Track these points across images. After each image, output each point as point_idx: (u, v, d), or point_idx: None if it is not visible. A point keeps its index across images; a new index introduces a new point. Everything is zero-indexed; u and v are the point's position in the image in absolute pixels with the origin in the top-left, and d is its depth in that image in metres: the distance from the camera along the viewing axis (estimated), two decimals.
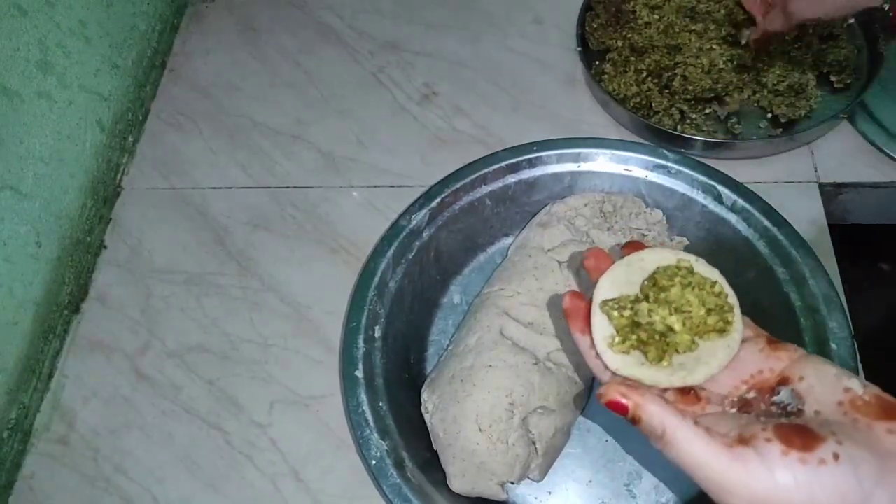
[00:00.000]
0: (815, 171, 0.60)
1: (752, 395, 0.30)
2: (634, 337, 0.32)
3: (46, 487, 0.52)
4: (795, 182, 0.60)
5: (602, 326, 0.33)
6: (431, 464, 0.47)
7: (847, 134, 0.62)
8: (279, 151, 0.66)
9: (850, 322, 0.48)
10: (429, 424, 0.48)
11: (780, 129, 0.61)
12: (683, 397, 0.31)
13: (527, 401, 0.46)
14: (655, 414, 0.28)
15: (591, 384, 0.51)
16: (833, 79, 0.63)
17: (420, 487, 0.45)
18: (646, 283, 0.33)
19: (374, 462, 0.45)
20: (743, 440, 0.27)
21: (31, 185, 0.55)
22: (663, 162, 0.55)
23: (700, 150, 0.60)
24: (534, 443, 0.46)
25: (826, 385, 0.28)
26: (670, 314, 0.31)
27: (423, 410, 0.49)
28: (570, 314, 0.34)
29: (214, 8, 0.77)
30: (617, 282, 0.34)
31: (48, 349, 0.57)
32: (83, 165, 0.62)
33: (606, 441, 0.50)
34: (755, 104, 0.63)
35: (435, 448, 0.48)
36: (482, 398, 0.46)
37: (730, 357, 0.31)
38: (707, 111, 0.62)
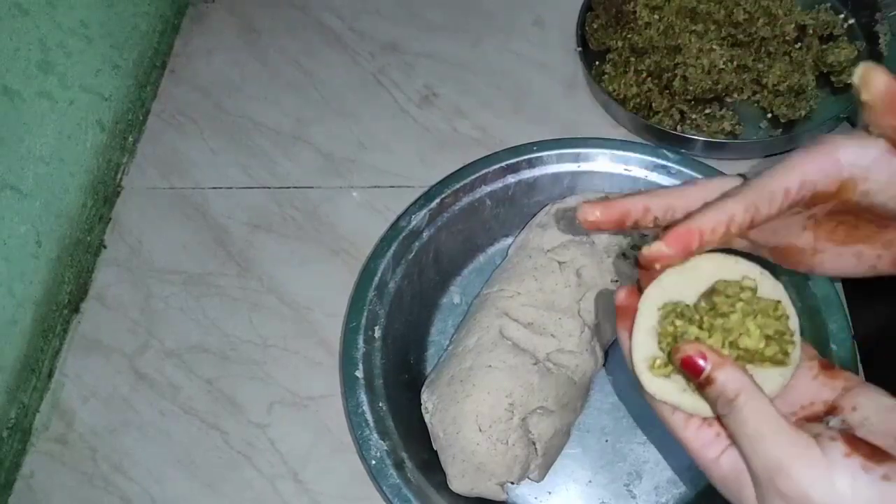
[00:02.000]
0: None
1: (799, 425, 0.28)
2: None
3: (45, 487, 0.52)
4: None
5: (643, 345, 0.29)
6: (431, 464, 0.47)
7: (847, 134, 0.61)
8: (279, 152, 0.66)
9: (850, 323, 0.48)
10: (428, 425, 0.48)
11: (780, 130, 0.61)
12: None
13: (526, 401, 0.46)
14: (733, 378, 0.26)
15: (590, 385, 0.50)
16: (833, 79, 0.63)
17: (420, 488, 0.45)
18: (702, 302, 0.29)
19: (373, 462, 0.45)
20: (809, 432, 0.25)
21: (32, 184, 0.55)
22: (663, 162, 0.55)
23: (700, 151, 0.60)
24: (533, 443, 0.46)
25: (882, 417, 0.27)
26: (723, 346, 0.28)
27: (422, 411, 0.49)
28: (621, 312, 0.31)
29: (215, 9, 0.77)
30: (667, 293, 0.30)
31: (48, 349, 0.57)
32: (83, 165, 0.62)
33: (606, 441, 0.50)
34: (755, 105, 0.63)
35: (435, 448, 0.48)
36: (482, 399, 0.46)
37: (782, 388, 0.28)
38: (707, 111, 0.62)
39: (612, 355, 0.53)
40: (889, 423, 0.26)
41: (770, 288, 0.29)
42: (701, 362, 0.26)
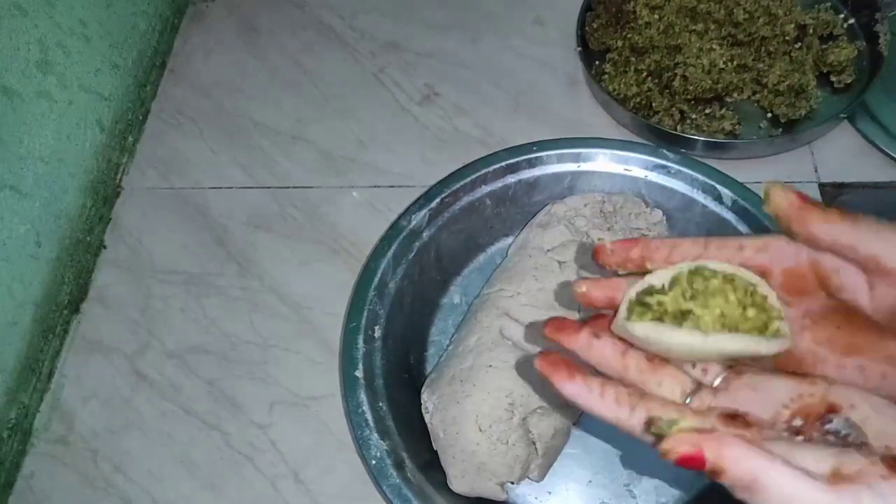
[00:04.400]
0: (816, 171, 0.60)
1: (798, 422, 0.26)
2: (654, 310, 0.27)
3: (46, 487, 0.52)
4: (796, 182, 0.60)
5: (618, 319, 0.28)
6: (431, 464, 0.47)
7: (847, 134, 0.62)
8: (279, 151, 0.66)
9: None
10: (429, 425, 0.48)
11: (781, 130, 0.61)
12: (732, 422, 0.25)
13: (527, 401, 0.46)
14: (742, 458, 0.22)
15: None
16: (833, 79, 0.63)
17: (420, 488, 0.45)
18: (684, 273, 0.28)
19: (373, 462, 0.45)
20: (847, 477, 0.22)
21: (31, 184, 0.55)
22: (663, 162, 0.55)
23: (700, 151, 0.60)
24: (534, 443, 0.46)
25: (884, 416, 0.25)
26: (685, 299, 0.27)
27: (422, 411, 0.49)
28: (549, 373, 0.27)
29: (215, 8, 0.77)
30: (645, 282, 0.29)
31: (48, 349, 0.57)
32: (83, 165, 0.62)
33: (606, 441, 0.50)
34: (755, 104, 0.63)
35: (435, 448, 0.48)
36: (482, 398, 0.46)
37: (783, 346, 0.26)
38: (707, 111, 0.62)
39: None
40: (890, 420, 0.25)
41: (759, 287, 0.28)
42: (697, 452, 0.22)
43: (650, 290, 0.28)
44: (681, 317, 0.27)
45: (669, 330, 0.26)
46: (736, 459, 0.22)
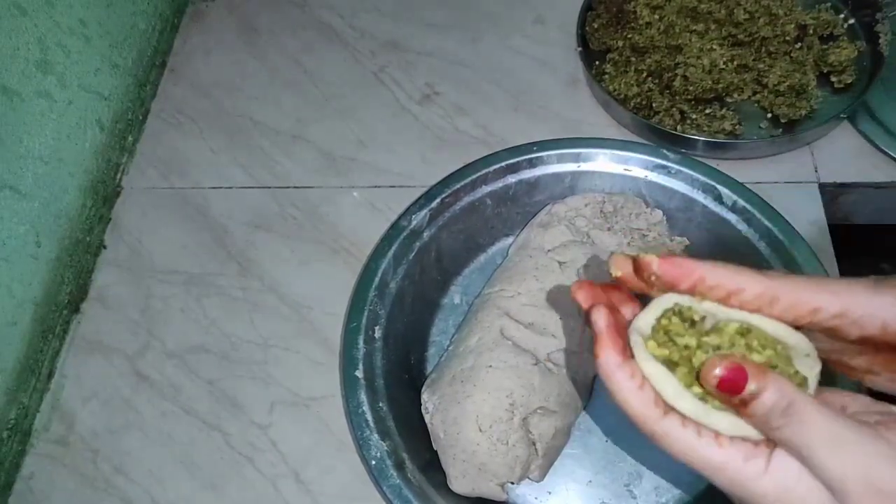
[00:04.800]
0: (816, 171, 0.60)
1: None
2: (667, 352, 0.26)
3: (45, 488, 0.52)
4: (796, 182, 0.60)
5: (642, 320, 0.27)
6: (432, 464, 0.47)
7: (848, 134, 0.62)
8: (279, 151, 0.66)
9: None
10: (429, 425, 0.48)
11: (781, 130, 0.61)
12: None
13: (527, 401, 0.46)
14: (782, 385, 0.23)
15: (591, 385, 0.51)
16: (834, 79, 0.63)
17: (420, 488, 0.45)
18: (731, 327, 0.26)
19: (374, 463, 0.45)
20: (881, 423, 0.23)
21: (31, 184, 0.55)
22: (663, 162, 0.55)
23: (701, 151, 0.60)
24: (534, 443, 0.46)
25: (867, 407, 0.26)
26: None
27: (423, 411, 0.49)
28: (604, 337, 0.26)
29: (215, 7, 0.77)
30: (691, 300, 0.26)
31: (47, 349, 0.57)
32: (83, 165, 0.61)
33: (607, 441, 0.50)
34: (756, 104, 0.63)
35: (435, 449, 0.48)
36: (482, 399, 0.46)
37: None
38: (708, 111, 0.62)
39: None
40: (873, 406, 0.25)
41: (805, 367, 0.26)
42: (741, 371, 0.23)
43: (686, 315, 0.26)
44: (697, 371, 0.25)
45: (675, 387, 0.25)
46: (776, 384, 0.23)
